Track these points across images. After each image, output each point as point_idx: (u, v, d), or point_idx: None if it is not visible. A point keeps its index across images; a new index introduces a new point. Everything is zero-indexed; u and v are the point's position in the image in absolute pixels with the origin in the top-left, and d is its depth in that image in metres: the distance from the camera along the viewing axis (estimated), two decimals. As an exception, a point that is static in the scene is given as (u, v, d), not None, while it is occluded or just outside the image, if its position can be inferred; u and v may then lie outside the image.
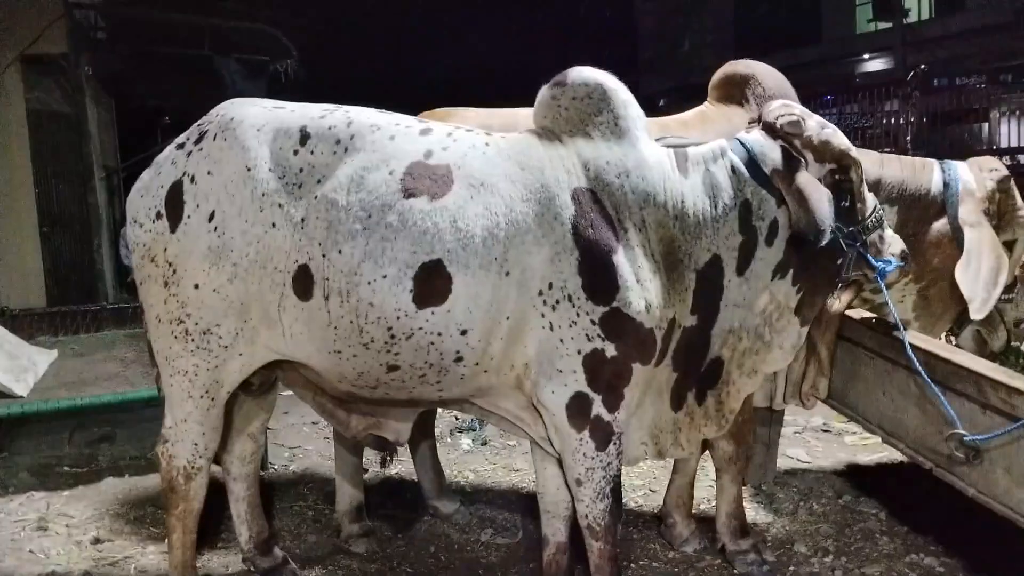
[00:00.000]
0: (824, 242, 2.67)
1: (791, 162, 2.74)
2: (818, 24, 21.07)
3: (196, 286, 2.70)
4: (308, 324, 2.66)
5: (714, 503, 3.63)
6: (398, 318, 2.57)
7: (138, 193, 2.85)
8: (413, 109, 3.58)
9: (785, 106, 2.83)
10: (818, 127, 2.78)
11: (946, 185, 3.48)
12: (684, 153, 2.80)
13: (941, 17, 18.14)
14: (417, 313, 2.57)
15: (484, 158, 2.67)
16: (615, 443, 2.74)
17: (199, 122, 2.88)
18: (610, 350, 2.63)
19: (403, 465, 4.44)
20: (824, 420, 5.09)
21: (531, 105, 2.93)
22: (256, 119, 2.76)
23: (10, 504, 4.04)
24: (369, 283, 2.56)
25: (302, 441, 4.93)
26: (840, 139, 2.78)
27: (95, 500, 4.07)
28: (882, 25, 18.64)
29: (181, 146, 2.83)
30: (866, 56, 19.19)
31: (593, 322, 2.61)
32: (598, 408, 2.68)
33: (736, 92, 3.52)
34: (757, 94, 3.46)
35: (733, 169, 2.77)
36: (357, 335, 2.61)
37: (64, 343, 5.44)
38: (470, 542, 3.66)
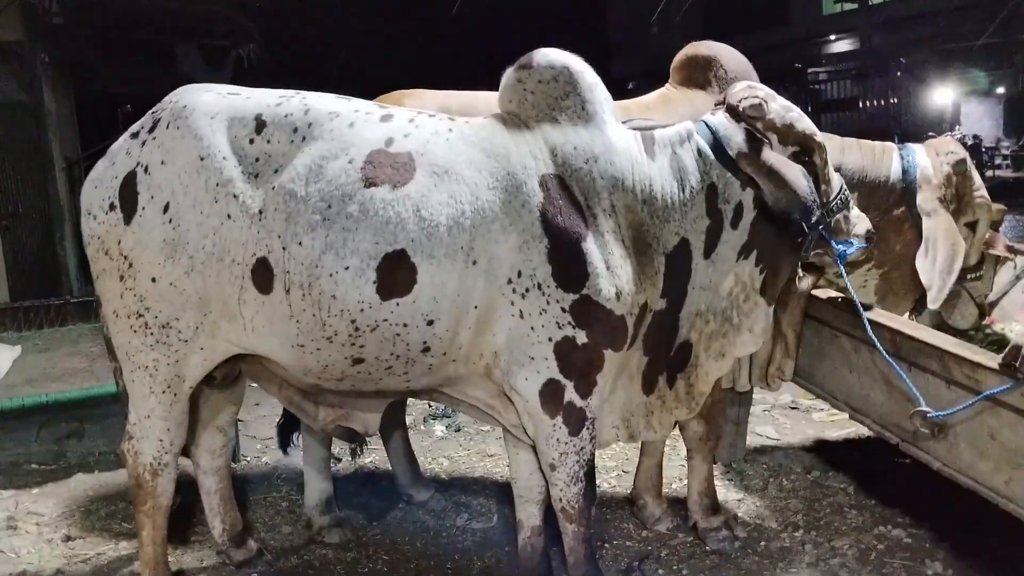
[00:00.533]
0: (813, 219, 2.67)
1: (755, 144, 2.74)
2: (785, 6, 21.22)
3: (153, 279, 2.66)
4: (269, 318, 2.62)
5: (685, 482, 3.67)
6: (362, 310, 2.55)
7: (92, 184, 2.78)
8: (377, 92, 3.54)
9: (749, 88, 2.83)
10: (782, 110, 2.77)
11: (905, 172, 3.51)
12: (651, 136, 2.79)
13: (906, -2, 18.33)
14: (381, 305, 2.54)
15: (448, 145, 2.64)
16: (588, 428, 2.75)
17: (153, 109, 2.81)
18: (581, 337, 2.63)
19: (376, 454, 4.43)
20: (792, 398, 5.15)
21: (496, 88, 2.90)
22: (209, 106, 2.69)
23: (-23, 503, 3.98)
24: (331, 275, 2.52)
25: (274, 433, 4.88)
26: (805, 123, 2.78)
27: (65, 497, 4.02)
28: (848, 6, 18.81)
29: (135, 135, 2.76)
30: (832, 37, 19.38)
31: (563, 310, 2.60)
32: (571, 394, 2.69)
33: (698, 74, 3.52)
34: (719, 76, 3.47)
35: (699, 152, 2.76)
36: (320, 329, 2.58)
37: (28, 338, 5.35)
38: (445, 528, 3.66)
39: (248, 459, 4.53)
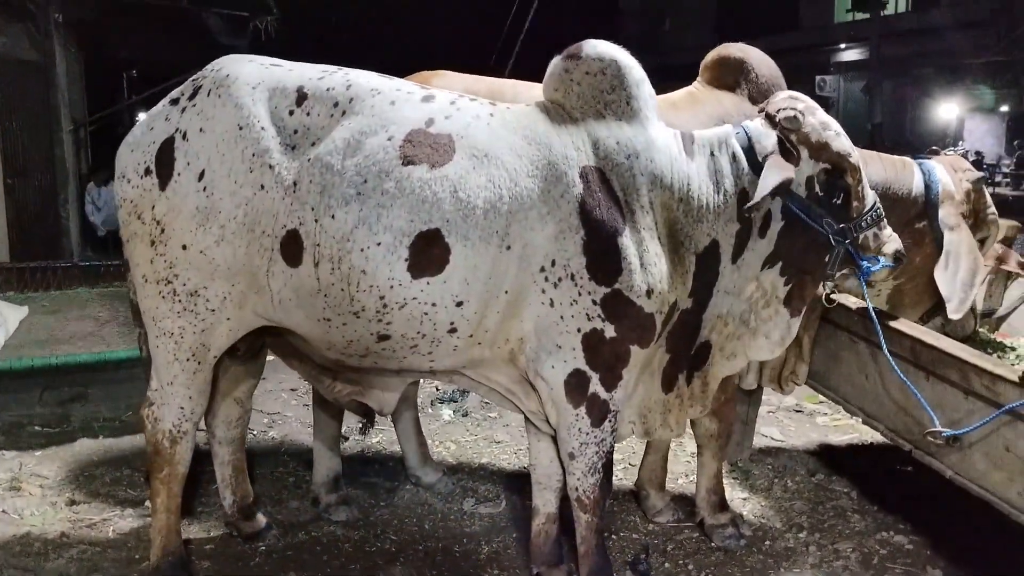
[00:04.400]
0: (749, 205, 2.65)
1: (783, 154, 2.73)
2: (796, 11, 21.20)
3: (184, 247, 2.65)
4: (297, 291, 2.62)
5: (690, 478, 3.69)
6: (391, 287, 2.54)
7: (128, 148, 2.78)
8: (392, 69, 3.52)
9: (790, 99, 2.83)
10: (820, 127, 2.75)
11: (927, 186, 3.53)
12: (691, 136, 2.80)
13: (917, 11, 18.35)
14: (412, 283, 2.54)
15: (488, 129, 2.63)
16: (610, 421, 2.77)
17: (194, 76, 2.81)
18: (609, 331, 2.64)
19: (384, 434, 4.44)
20: (796, 401, 5.18)
21: (511, 76, 2.85)
22: (251, 76, 2.70)
23: (-19, 462, 3.96)
24: (362, 250, 2.52)
25: (281, 408, 4.89)
26: (841, 143, 2.76)
27: (69, 461, 4.01)
28: (859, 16, 18.79)
29: (175, 101, 2.76)
30: (842, 46, 19.36)
31: (594, 302, 2.61)
32: (595, 386, 2.70)
33: (728, 76, 3.52)
34: (750, 79, 3.47)
35: (734, 157, 2.77)
36: (348, 303, 2.58)
37: (34, 300, 5.31)
38: (453, 511, 3.67)
39: (255, 433, 4.51)
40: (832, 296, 3.27)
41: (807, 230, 2.78)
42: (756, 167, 2.74)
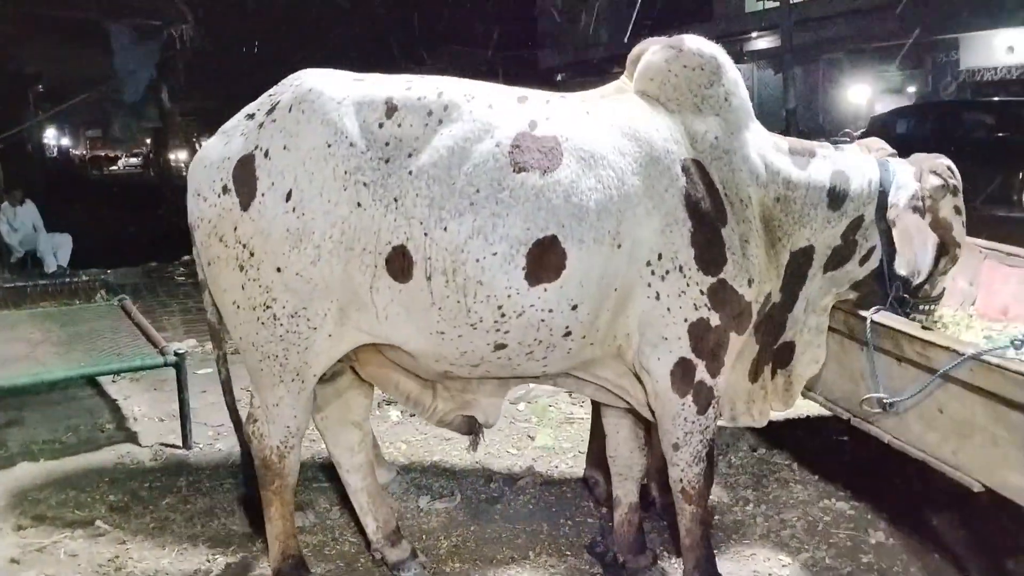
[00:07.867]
0: (916, 283, 2.90)
1: (916, 211, 2.92)
2: (709, 2, 21.66)
3: (278, 270, 2.57)
4: (407, 306, 2.57)
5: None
6: (509, 296, 2.52)
7: (200, 164, 2.69)
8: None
9: (948, 169, 3.01)
10: (952, 210, 2.97)
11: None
12: (811, 148, 2.92)
13: (827, -2, 18.88)
14: (529, 290, 2.52)
15: (589, 129, 2.64)
16: (714, 407, 2.81)
17: (270, 92, 2.74)
18: (714, 319, 2.68)
19: (333, 438, 4.42)
20: (734, 381, 5.32)
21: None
22: (336, 91, 2.62)
23: (-83, 493, 3.82)
24: (477, 260, 2.49)
25: (224, 419, 4.81)
26: (960, 232, 2.99)
27: (11, 486, 3.90)
28: (770, 4, 19.28)
29: (251, 116, 2.68)
30: (754, 34, 19.83)
31: (702, 292, 2.66)
32: (702, 374, 2.73)
33: None
34: None
35: (869, 183, 2.91)
36: (464, 315, 2.54)
37: (-40, 324, 5.13)
38: (409, 509, 3.70)
39: (200, 446, 4.46)
40: None
41: (881, 280, 2.99)
42: (882, 203, 2.92)
